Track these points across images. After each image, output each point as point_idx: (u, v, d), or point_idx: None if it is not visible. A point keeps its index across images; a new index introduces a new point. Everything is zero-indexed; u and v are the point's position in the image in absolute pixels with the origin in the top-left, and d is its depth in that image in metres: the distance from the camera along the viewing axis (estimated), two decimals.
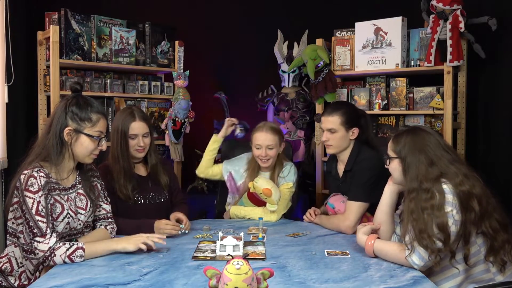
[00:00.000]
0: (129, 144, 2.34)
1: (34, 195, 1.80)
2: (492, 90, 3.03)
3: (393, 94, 3.19)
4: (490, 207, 1.78)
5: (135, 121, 2.34)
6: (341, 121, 2.38)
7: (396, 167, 1.89)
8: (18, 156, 3.13)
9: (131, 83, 3.41)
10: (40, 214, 1.79)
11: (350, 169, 2.38)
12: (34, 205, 1.79)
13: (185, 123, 3.40)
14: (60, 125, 1.89)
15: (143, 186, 2.39)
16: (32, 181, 1.80)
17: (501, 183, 2.82)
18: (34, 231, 1.78)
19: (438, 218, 1.70)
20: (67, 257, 1.78)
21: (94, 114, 1.93)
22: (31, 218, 1.78)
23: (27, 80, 3.25)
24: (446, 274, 1.80)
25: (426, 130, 1.90)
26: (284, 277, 1.66)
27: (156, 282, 1.60)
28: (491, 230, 1.76)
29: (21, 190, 1.80)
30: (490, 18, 2.83)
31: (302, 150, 3.63)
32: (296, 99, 3.74)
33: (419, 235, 1.71)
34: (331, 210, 2.40)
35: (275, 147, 2.58)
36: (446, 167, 1.79)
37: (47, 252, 1.77)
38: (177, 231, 2.16)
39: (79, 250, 1.80)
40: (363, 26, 3.25)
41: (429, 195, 1.74)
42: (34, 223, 1.78)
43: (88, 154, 1.94)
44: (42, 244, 1.77)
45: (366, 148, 2.41)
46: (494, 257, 1.76)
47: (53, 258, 1.77)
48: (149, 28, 3.45)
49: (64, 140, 1.90)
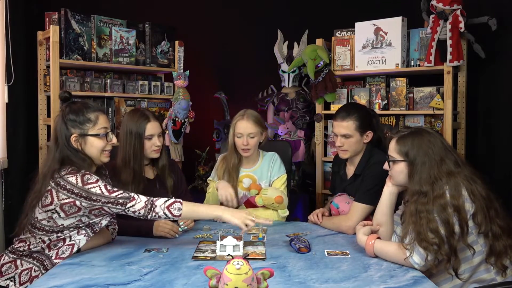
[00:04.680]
0: (144, 146, 2.33)
1: (97, 183, 1.85)
2: (492, 90, 3.03)
3: (393, 94, 3.19)
4: (492, 212, 1.77)
5: (150, 122, 2.33)
6: (356, 125, 2.34)
7: (401, 170, 1.87)
8: (18, 156, 3.20)
9: (131, 83, 3.41)
10: (112, 190, 1.85)
11: (360, 173, 2.36)
12: (102, 188, 1.84)
13: (185, 123, 3.40)
14: (65, 136, 1.92)
15: (150, 189, 2.36)
16: (87, 176, 1.86)
17: (501, 183, 2.81)
18: (120, 202, 1.83)
19: (445, 218, 1.70)
20: (166, 208, 1.85)
21: (91, 113, 1.95)
22: (108, 199, 1.83)
23: (27, 80, 3.24)
24: (447, 275, 1.79)
25: (430, 131, 1.89)
26: (284, 277, 1.66)
27: (156, 282, 1.61)
28: (492, 235, 1.75)
29: (81, 188, 1.83)
30: (490, 18, 2.83)
31: (302, 150, 3.63)
32: (296, 99, 3.74)
33: (424, 236, 1.70)
34: (335, 210, 2.39)
35: (257, 136, 2.50)
36: (454, 168, 1.80)
37: (147, 204, 1.84)
38: (175, 232, 2.16)
39: (177, 203, 1.87)
40: (363, 26, 3.25)
41: (438, 195, 1.73)
42: (115, 199, 1.84)
43: (101, 152, 1.97)
44: (137, 204, 1.85)
45: (377, 151, 2.39)
46: (495, 260, 1.76)
47: (154, 209, 1.84)
48: (149, 28, 3.45)
49: (75, 147, 1.92)
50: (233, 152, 2.54)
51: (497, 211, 1.78)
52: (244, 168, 2.58)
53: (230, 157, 2.55)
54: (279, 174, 2.56)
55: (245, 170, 2.58)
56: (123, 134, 2.35)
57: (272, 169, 2.57)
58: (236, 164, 2.55)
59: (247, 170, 2.58)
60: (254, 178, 2.56)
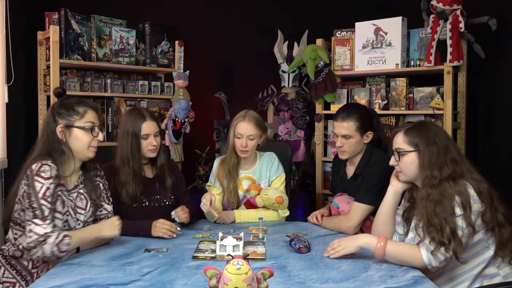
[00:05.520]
0: (141, 146, 2.33)
1: (45, 181, 1.81)
2: (492, 90, 3.03)
3: (393, 94, 3.19)
4: (495, 200, 1.80)
5: (146, 121, 2.33)
6: (356, 126, 2.33)
7: (412, 160, 1.87)
8: (18, 156, 3.19)
9: (131, 83, 3.41)
10: (46, 199, 1.80)
11: (361, 173, 2.36)
12: (42, 189, 1.80)
13: (185, 123, 3.40)
14: (51, 126, 1.92)
15: (150, 188, 2.37)
16: (45, 168, 1.82)
17: (501, 183, 2.80)
18: (36, 212, 1.77)
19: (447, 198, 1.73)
20: (55, 245, 1.76)
21: (81, 107, 1.96)
22: (36, 200, 1.78)
23: (27, 80, 3.24)
24: (459, 271, 1.81)
25: (432, 123, 1.96)
26: (284, 277, 1.65)
27: (156, 282, 1.60)
28: (497, 223, 1.77)
29: (32, 175, 1.80)
30: (490, 18, 2.83)
31: (302, 150, 3.63)
32: (296, 99, 3.74)
33: (431, 219, 1.72)
34: (335, 210, 2.39)
35: (256, 138, 2.49)
36: (457, 156, 1.84)
37: (41, 237, 1.75)
38: (173, 233, 2.14)
39: (66, 238, 1.79)
40: (363, 26, 3.25)
41: (444, 178, 1.77)
42: (38, 206, 1.78)
43: (86, 147, 1.96)
44: (40, 227, 1.76)
45: (377, 150, 2.39)
46: (503, 250, 1.78)
47: (43, 246, 1.74)
48: (149, 28, 3.45)
49: (59, 138, 1.91)
50: (233, 153, 2.54)
51: (499, 199, 1.82)
52: (242, 170, 2.58)
53: (230, 157, 2.54)
54: (277, 174, 2.56)
55: (243, 172, 2.58)
56: (121, 134, 2.35)
57: (270, 169, 2.57)
58: (234, 166, 2.54)
59: (245, 171, 2.58)
60: (253, 179, 2.56)
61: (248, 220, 2.46)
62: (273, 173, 2.56)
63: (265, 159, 2.59)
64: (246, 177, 2.56)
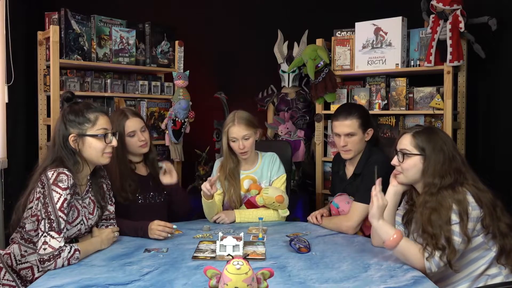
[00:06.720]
0: (126, 145, 2.33)
1: (62, 192, 1.79)
2: (492, 90, 3.03)
3: (393, 94, 3.19)
4: (498, 209, 1.79)
5: (129, 119, 2.35)
6: (359, 123, 2.35)
7: (415, 163, 1.87)
8: (18, 156, 3.19)
9: (131, 83, 3.41)
10: (63, 211, 1.79)
11: (360, 173, 2.36)
12: (60, 200, 1.78)
13: (185, 123, 3.40)
14: (63, 135, 1.90)
15: (144, 185, 2.39)
16: (62, 177, 1.80)
17: (501, 183, 2.81)
18: (53, 225, 1.76)
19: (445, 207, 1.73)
20: (67, 259, 1.76)
21: (91, 113, 1.92)
22: (54, 212, 1.77)
23: (27, 80, 3.24)
24: (460, 276, 1.80)
25: (442, 130, 1.96)
26: (284, 277, 1.66)
27: (156, 282, 1.60)
28: (499, 233, 1.77)
29: (48, 184, 1.79)
30: (490, 18, 2.83)
31: (302, 150, 3.63)
32: (296, 99, 3.74)
33: (425, 227, 1.73)
34: (335, 210, 2.39)
35: (251, 136, 2.48)
36: (462, 166, 1.84)
37: (56, 250, 1.74)
38: (168, 233, 2.13)
39: (76, 252, 1.80)
40: (363, 26, 3.25)
41: (444, 186, 1.78)
42: (56, 217, 1.77)
43: (101, 154, 1.94)
44: (55, 240, 1.75)
45: (376, 149, 2.40)
46: (506, 259, 1.78)
47: (57, 260, 1.74)
48: (149, 28, 3.45)
49: (73, 148, 1.90)
50: (229, 157, 2.54)
51: (502, 209, 1.81)
52: (243, 170, 2.58)
53: (226, 162, 2.54)
54: (278, 174, 2.57)
55: (245, 172, 2.58)
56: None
57: (271, 169, 2.57)
58: (233, 169, 2.54)
59: (247, 172, 2.58)
60: (254, 179, 2.56)
61: (249, 220, 2.46)
62: (274, 173, 2.57)
63: (267, 159, 2.60)
64: (247, 177, 2.56)
